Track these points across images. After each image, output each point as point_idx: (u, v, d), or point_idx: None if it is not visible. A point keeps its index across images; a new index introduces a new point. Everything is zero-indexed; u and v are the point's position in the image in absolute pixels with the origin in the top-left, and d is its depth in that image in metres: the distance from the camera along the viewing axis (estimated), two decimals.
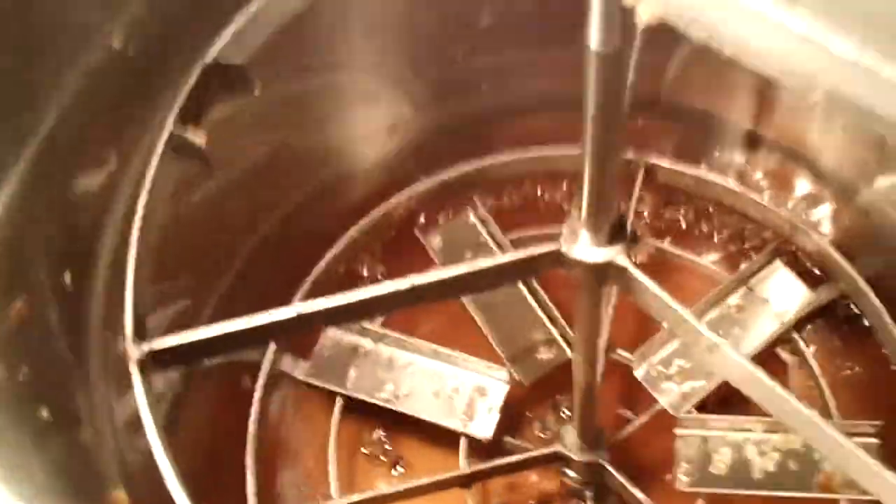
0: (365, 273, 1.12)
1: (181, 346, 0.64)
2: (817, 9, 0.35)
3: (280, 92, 0.90)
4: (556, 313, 1.05)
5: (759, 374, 0.63)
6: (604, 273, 0.65)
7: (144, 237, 0.67)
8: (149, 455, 0.62)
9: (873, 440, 0.93)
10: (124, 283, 0.66)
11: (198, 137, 0.70)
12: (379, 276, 1.12)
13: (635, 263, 0.63)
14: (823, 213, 1.09)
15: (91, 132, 0.72)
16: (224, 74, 0.72)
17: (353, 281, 1.11)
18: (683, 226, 1.15)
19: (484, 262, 0.66)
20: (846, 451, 0.60)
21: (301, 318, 0.64)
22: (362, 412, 1.03)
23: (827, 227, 1.09)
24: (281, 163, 1.01)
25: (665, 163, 1.12)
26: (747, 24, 0.37)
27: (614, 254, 0.64)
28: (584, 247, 0.63)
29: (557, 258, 0.65)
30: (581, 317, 0.72)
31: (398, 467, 1.01)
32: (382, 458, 1.02)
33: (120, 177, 0.75)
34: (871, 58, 0.34)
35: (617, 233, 0.64)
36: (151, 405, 0.63)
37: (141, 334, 0.65)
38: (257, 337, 0.65)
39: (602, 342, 0.75)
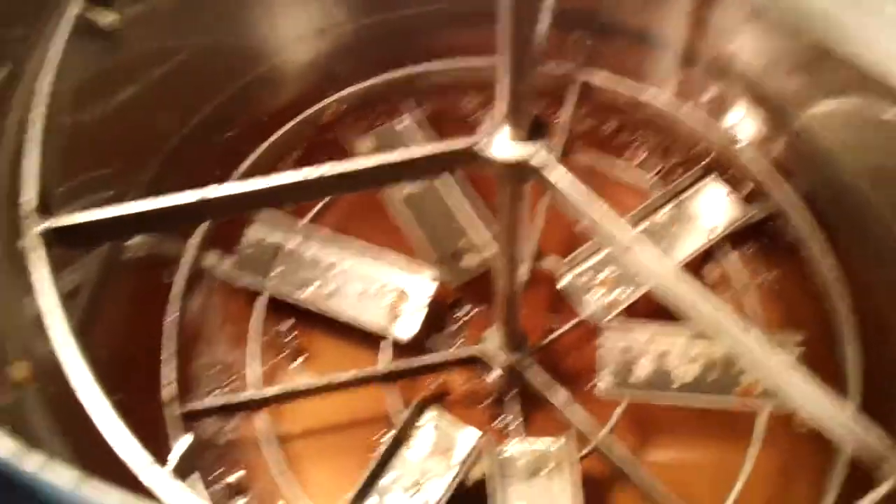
0: None
1: (86, 223, 0.62)
2: None
3: None
4: (491, 216, 1.04)
5: (672, 268, 0.63)
6: (522, 171, 0.64)
7: (52, 113, 0.65)
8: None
9: (794, 350, 0.95)
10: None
11: (106, 18, 0.67)
12: None
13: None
14: (757, 131, 1.09)
15: None
16: None
17: None
18: (617, 141, 1.15)
19: (398, 154, 0.64)
20: (760, 350, 0.60)
21: (205, 204, 0.62)
22: (285, 311, 1.02)
23: (764, 147, 1.09)
24: (206, 63, 0.99)
25: (600, 79, 1.12)
26: None
27: (532, 151, 0.63)
28: (502, 143, 0.63)
29: (475, 154, 0.64)
30: (502, 218, 0.71)
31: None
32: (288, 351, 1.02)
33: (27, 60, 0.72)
34: None
35: (535, 130, 0.63)
36: (52, 282, 0.61)
37: (46, 210, 0.63)
38: (163, 220, 0.63)
39: (523, 243, 0.74)
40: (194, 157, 1.04)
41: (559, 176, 0.64)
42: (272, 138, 1.08)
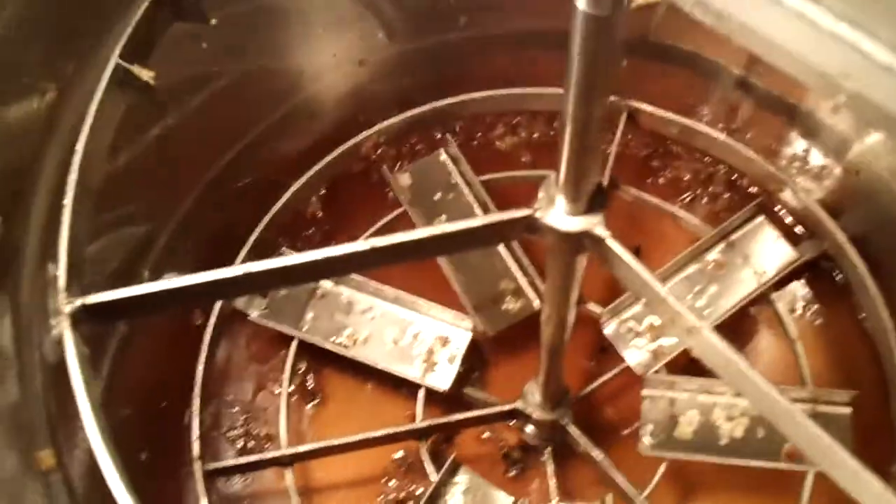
0: (320, 214, 1.07)
1: (117, 301, 0.59)
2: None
3: (238, 18, 0.85)
4: (527, 261, 1.01)
5: (738, 360, 0.59)
6: (578, 242, 0.61)
7: (84, 179, 0.62)
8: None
9: (845, 410, 0.90)
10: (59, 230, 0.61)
11: (144, 73, 0.63)
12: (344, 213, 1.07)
13: (612, 235, 0.59)
14: (812, 169, 1.05)
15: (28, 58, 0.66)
16: (175, 2, 0.65)
17: (313, 220, 1.07)
18: (667, 174, 1.10)
19: (454, 225, 0.61)
20: (811, 433, 0.57)
21: (248, 278, 0.59)
22: (317, 357, 0.99)
23: (814, 184, 1.05)
24: (242, 94, 0.96)
25: (649, 107, 1.08)
26: (761, 14, 0.31)
27: (591, 223, 0.60)
28: (559, 214, 0.59)
29: (531, 224, 0.61)
30: (552, 281, 0.68)
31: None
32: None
33: (60, 112, 0.69)
34: None
35: (594, 201, 0.60)
36: (82, 362, 0.58)
37: (75, 285, 0.60)
38: (201, 295, 0.60)
39: (573, 303, 0.71)
40: (230, 191, 1.02)
41: (619, 251, 0.60)
42: (309, 172, 1.05)
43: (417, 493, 0.91)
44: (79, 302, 0.59)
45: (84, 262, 0.63)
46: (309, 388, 0.99)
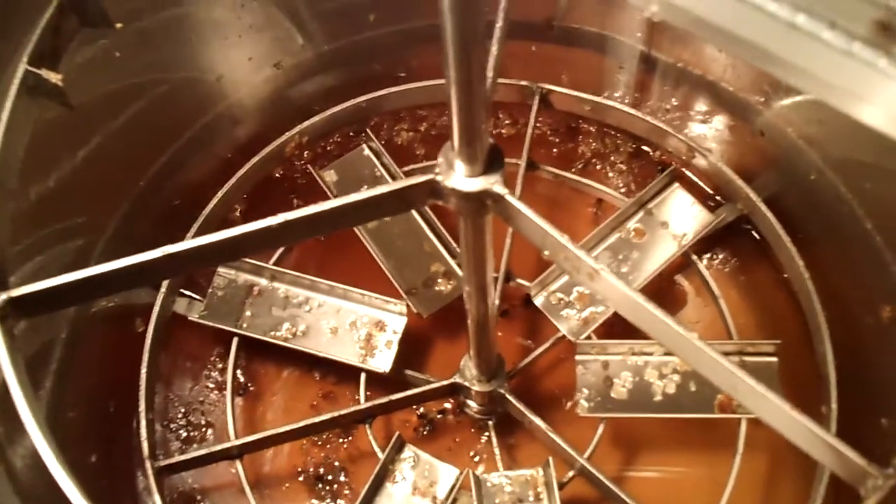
0: (258, 212, 1.08)
1: (43, 291, 0.61)
2: None
3: (150, 26, 0.87)
4: (455, 245, 1.04)
5: (639, 298, 0.62)
6: (481, 202, 0.63)
7: (1, 180, 0.64)
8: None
9: (772, 359, 0.94)
10: None
11: (53, 76, 0.66)
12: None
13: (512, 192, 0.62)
14: (721, 135, 1.09)
15: None
16: (81, 8, 0.68)
17: (249, 219, 1.06)
18: (580, 151, 1.14)
19: (359, 195, 0.64)
20: (730, 374, 0.60)
21: (170, 259, 0.61)
22: (259, 351, 1.02)
23: (724, 149, 1.09)
24: (162, 104, 0.97)
25: (560, 88, 1.11)
26: None
27: (490, 182, 0.62)
28: (459, 177, 0.62)
29: (434, 188, 0.63)
30: (466, 247, 0.71)
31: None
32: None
33: None
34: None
35: (492, 161, 0.62)
36: (12, 355, 0.60)
37: (1, 280, 0.62)
38: (127, 280, 0.62)
39: (491, 271, 0.73)
40: (160, 200, 1.04)
41: (518, 206, 0.63)
42: (237, 175, 1.06)
43: (366, 472, 0.93)
44: (4, 295, 0.61)
45: (7, 261, 0.64)
46: (253, 382, 1.01)
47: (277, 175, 1.12)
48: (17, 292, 0.61)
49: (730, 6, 0.35)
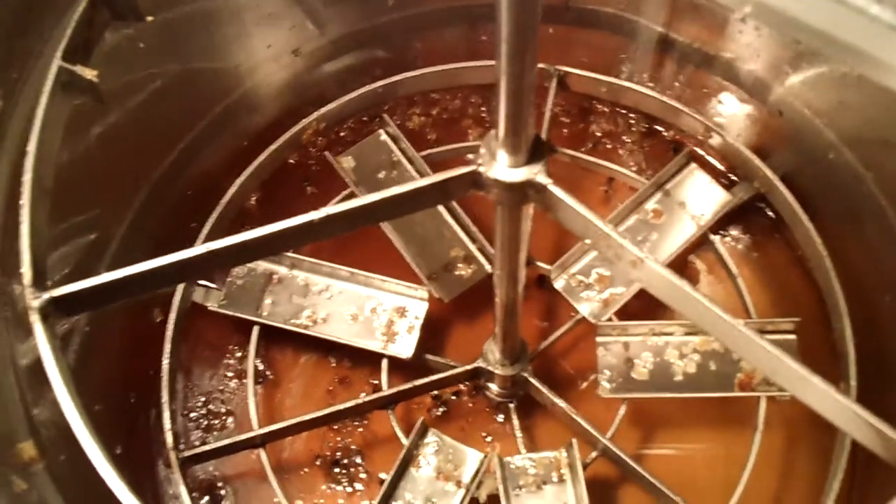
0: (265, 205, 1.09)
1: (83, 291, 0.60)
2: None
3: (174, 17, 0.85)
4: (475, 229, 1.03)
5: (682, 284, 0.62)
6: (523, 192, 0.63)
7: (39, 179, 0.63)
8: (56, 405, 0.59)
9: (791, 336, 0.94)
10: (19, 229, 0.62)
11: (87, 72, 0.65)
12: (290, 203, 1.09)
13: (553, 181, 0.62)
14: (737, 114, 1.09)
15: None
16: (112, 1, 0.67)
17: (266, 208, 1.08)
18: (598, 133, 1.14)
19: (400, 189, 0.63)
20: (763, 352, 0.60)
21: (212, 255, 0.61)
22: (280, 339, 1.01)
23: (741, 128, 1.09)
24: (183, 91, 0.97)
25: (577, 70, 1.11)
26: None
27: (534, 172, 0.62)
28: (502, 167, 0.61)
29: (476, 180, 0.63)
30: (501, 235, 0.70)
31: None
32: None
33: (7, 118, 0.70)
34: None
35: (535, 151, 0.62)
36: (55, 353, 0.59)
37: (41, 281, 0.61)
38: (166, 278, 0.62)
39: (524, 258, 0.73)
40: (174, 190, 1.03)
41: (562, 196, 0.63)
42: (254, 163, 1.06)
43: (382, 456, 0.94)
44: (46, 295, 0.60)
45: (47, 260, 0.64)
46: (271, 369, 1.01)
47: (292, 162, 1.11)
48: (58, 292, 0.60)
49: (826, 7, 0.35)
